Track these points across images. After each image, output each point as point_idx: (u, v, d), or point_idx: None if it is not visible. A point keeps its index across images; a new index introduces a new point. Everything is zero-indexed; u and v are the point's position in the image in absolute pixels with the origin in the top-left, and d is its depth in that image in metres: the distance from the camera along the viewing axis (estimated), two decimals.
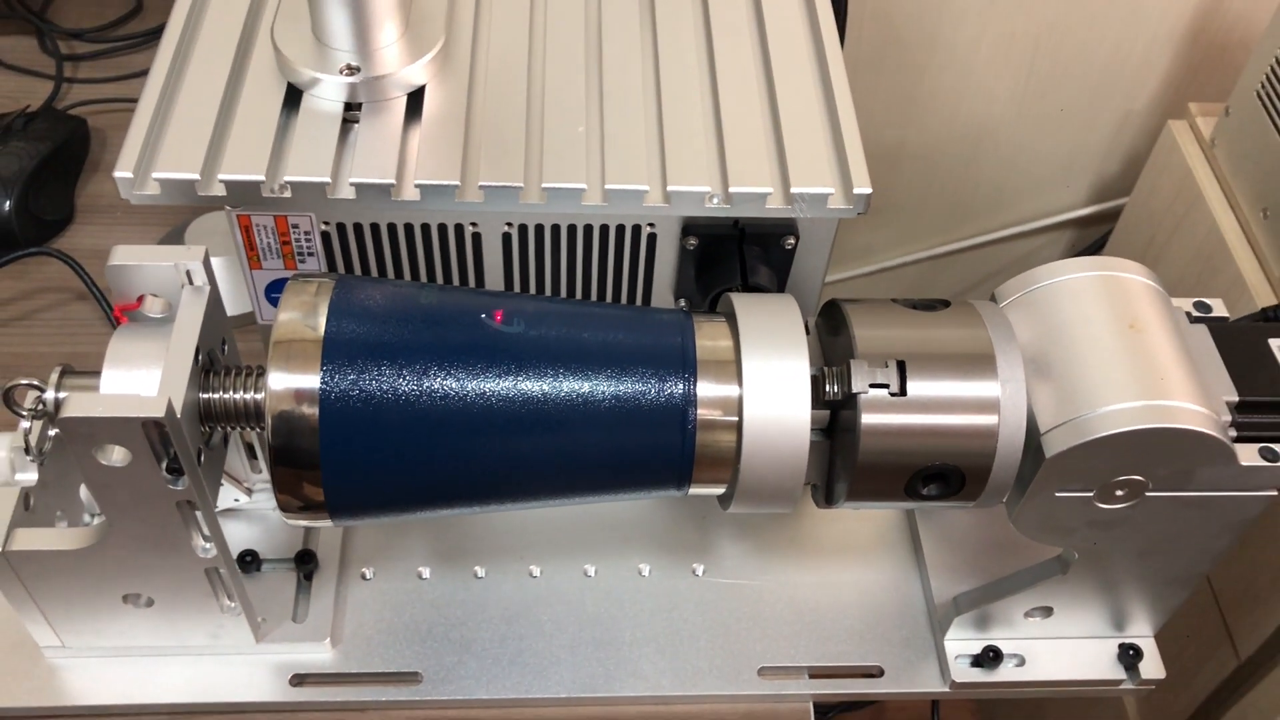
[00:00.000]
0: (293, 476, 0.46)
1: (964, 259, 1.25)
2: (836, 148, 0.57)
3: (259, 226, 0.57)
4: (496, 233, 0.57)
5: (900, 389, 0.48)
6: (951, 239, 1.24)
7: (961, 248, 1.23)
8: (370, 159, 0.54)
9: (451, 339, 0.47)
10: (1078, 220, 1.21)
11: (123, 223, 0.77)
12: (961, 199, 1.20)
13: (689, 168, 0.55)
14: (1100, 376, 0.48)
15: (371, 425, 0.46)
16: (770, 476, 0.49)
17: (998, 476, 0.49)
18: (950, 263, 1.26)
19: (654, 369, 0.48)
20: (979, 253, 1.24)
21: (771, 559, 0.63)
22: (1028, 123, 1.13)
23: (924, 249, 1.25)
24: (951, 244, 1.24)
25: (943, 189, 1.19)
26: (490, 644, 0.59)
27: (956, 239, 1.23)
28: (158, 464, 0.46)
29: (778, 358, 0.48)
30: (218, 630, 0.56)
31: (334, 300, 0.47)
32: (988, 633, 0.60)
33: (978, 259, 1.25)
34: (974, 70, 1.08)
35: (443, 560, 0.62)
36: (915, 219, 1.22)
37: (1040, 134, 1.14)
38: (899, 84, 1.09)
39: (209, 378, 0.49)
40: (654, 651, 0.59)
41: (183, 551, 0.50)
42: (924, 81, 1.09)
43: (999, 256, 1.25)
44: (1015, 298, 0.53)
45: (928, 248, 1.24)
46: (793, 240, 0.58)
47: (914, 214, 1.21)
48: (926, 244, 1.24)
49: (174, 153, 0.54)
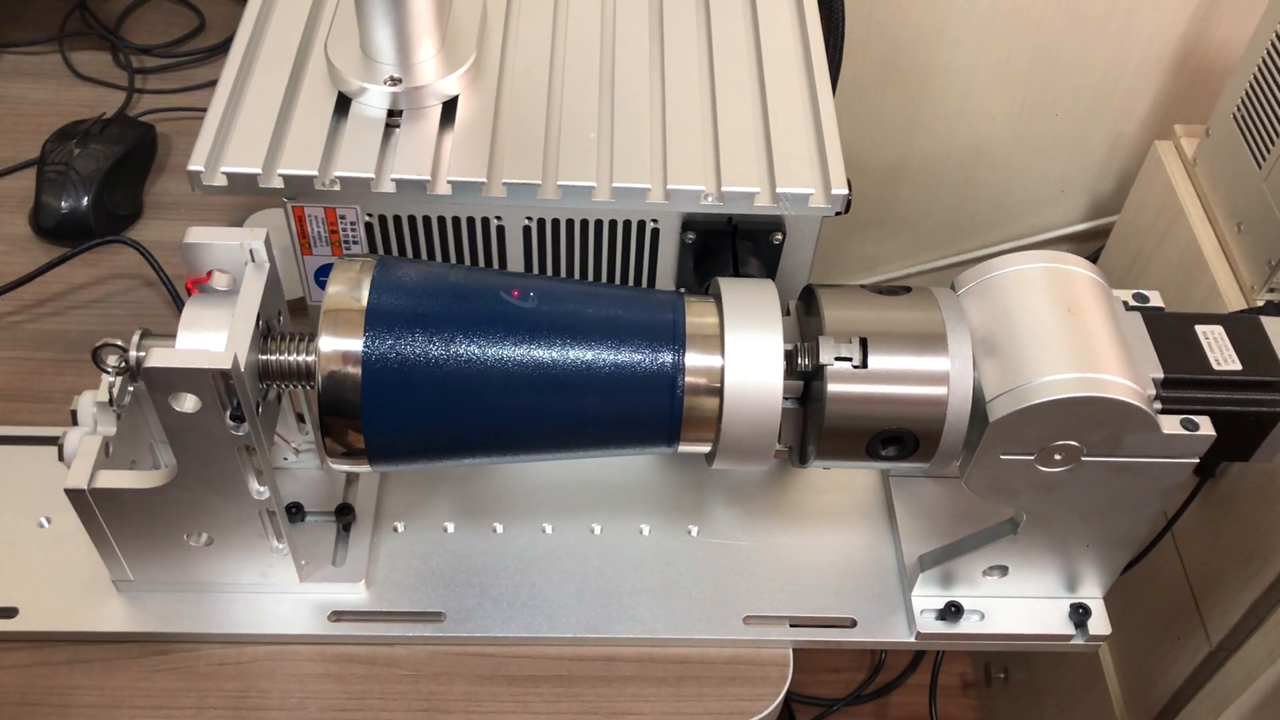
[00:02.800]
0: (338, 426, 0.54)
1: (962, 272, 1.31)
2: (820, 153, 0.64)
3: (311, 217, 0.65)
4: (518, 226, 0.65)
5: (862, 362, 0.55)
6: (952, 252, 1.30)
7: (961, 260, 1.30)
8: (409, 158, 0.62)
9: (475, 311, 0.54)
10: (1072, 236, 1.27)
11: (186, 218, 0.85)
12: (961, 214, 1.26)
13: (687, 169, 0.63)
14: (1039, 352, 0.55)
15: (405, 384, 0.53)
16: (747, 436, 0.56)
17: (948, 440, 0.56)
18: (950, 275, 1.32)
19: (648, 341, 0.56)
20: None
21: (759, 522, 0.70)
22: (1024, 143, 1.19)
23: (926, 261, 1.31)
24: (952, 257, 1.30)
25: (943, 205, 1.26)
26: (506, 590, 0.66)
27: (957, 252, 1.30)
28: (223, 411, 0.53)
29: (756, 333, 0.56)
30: (267, 569, 0.64)
31: (376, 276, 0.55)
32: (951, 590, 0.67)
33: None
34: (972, 93, 1.15)
35: (465, 516, 0.69)
36: (917, 232, 1.28)
37: (1036, 154, 1.20)
38: (901, 105, 1.16)
39: (267, 341, 0.57)
40: (650, 600, 0.66)
41: (240, 493, 0.58)
42: (925, 103, 1.16)
43: None
44: (971, 285, 0.60)
45: (930, 260, 1.31)
46: (780, 236, 0.66)
47: (916, 228, 1.28)
48: (928, 256, 1.31)
49: (240, 150, 0.62)
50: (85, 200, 0.82)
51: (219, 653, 0.64)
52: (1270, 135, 0.88)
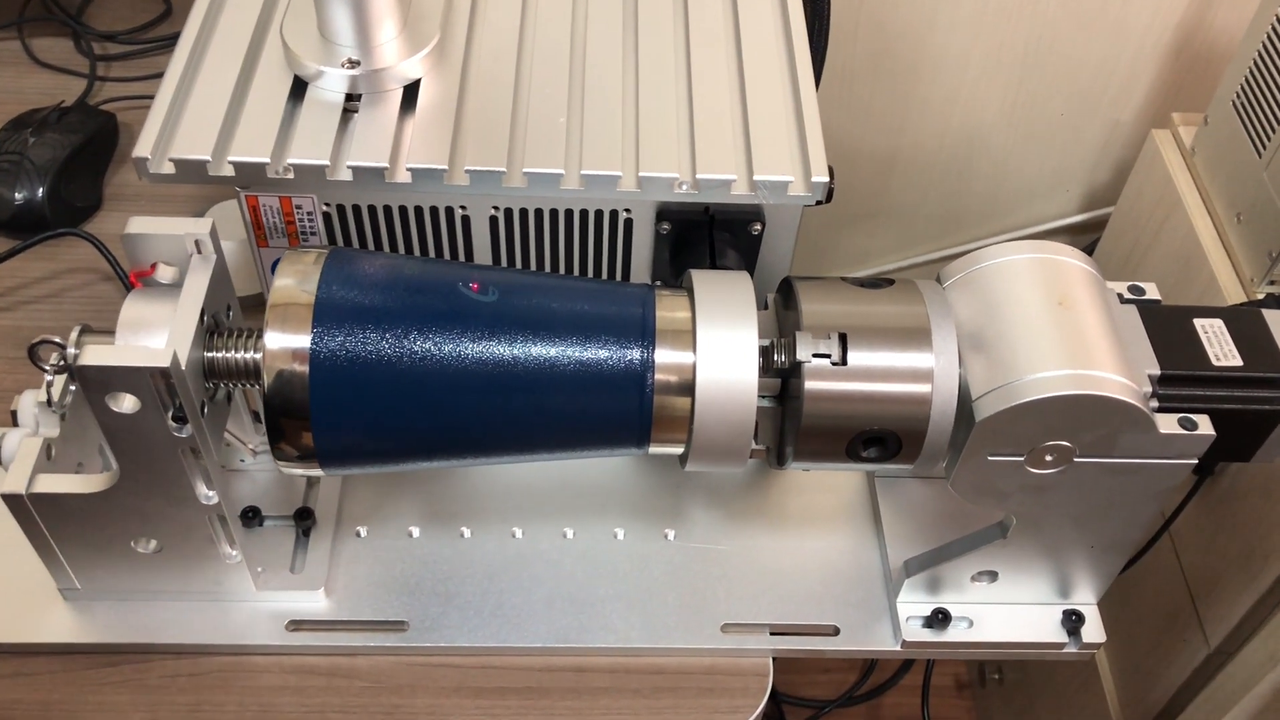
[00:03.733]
0: (286, 427, 0.51)
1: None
2: (800, 140, 0.61)
3: (266, 207, 0.62)
4: (484, 216, 0.62)
5: (841, 359, 0.52)
6: (945, 245, 1.27)
7: (955, 253, 1.27)
8: (367, 145, 0.59)
9: (431, 306, 0.51)
10: (1068, 228, 1.24)
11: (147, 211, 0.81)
12: (955, 206, 1.24)
13: (660, 156, 0.60)
14: (1029, 347, 0.52)
15: (356, 382, 0.51)
16: (721, 437, 0.53)
17: (932, 440, 0.53)
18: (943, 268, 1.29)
19: (617, 337, 0.53)
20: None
21: (739, 526, 0.67)
22: (1018, 132, 1.17)
23: (919, 254, 1.28)
24: (945, 249, 1.27)
25: (937, 196, 1.23)
26: (473, 597, 0.63)
27: (950, 245, 1.27)
28: (164, 412, 0.50)
29: (730, 328, 0.53)
30: (220, 577, 0.61)
31: (326, 269, 0.52)
32: (938, 596, 0.64)
33: None
34: (965, 80, 1.12)
35: (432, 520, 0.66)
36: (910, 225, 1.26)
37: (1031, 143, 1.18)
38: (893, 93, 1.13)
39: (213, 338, 0.53)
40: (625, 607, 0.63)
41: (187, 498, 0.55)
42: (917, 91, 1.13)
43: None
44: (958, 277, 0.57)
45: (922, 253, 1.28)
46: (759, 226, 0.63)
47: (909, 220, 1.25)
48: (920, 250, 1.28)
49: (189, 136, 0.59)
50: (40, 191, 0.79)
51: (171, 664, 0.61)
52: (1270, 123, 0.85)
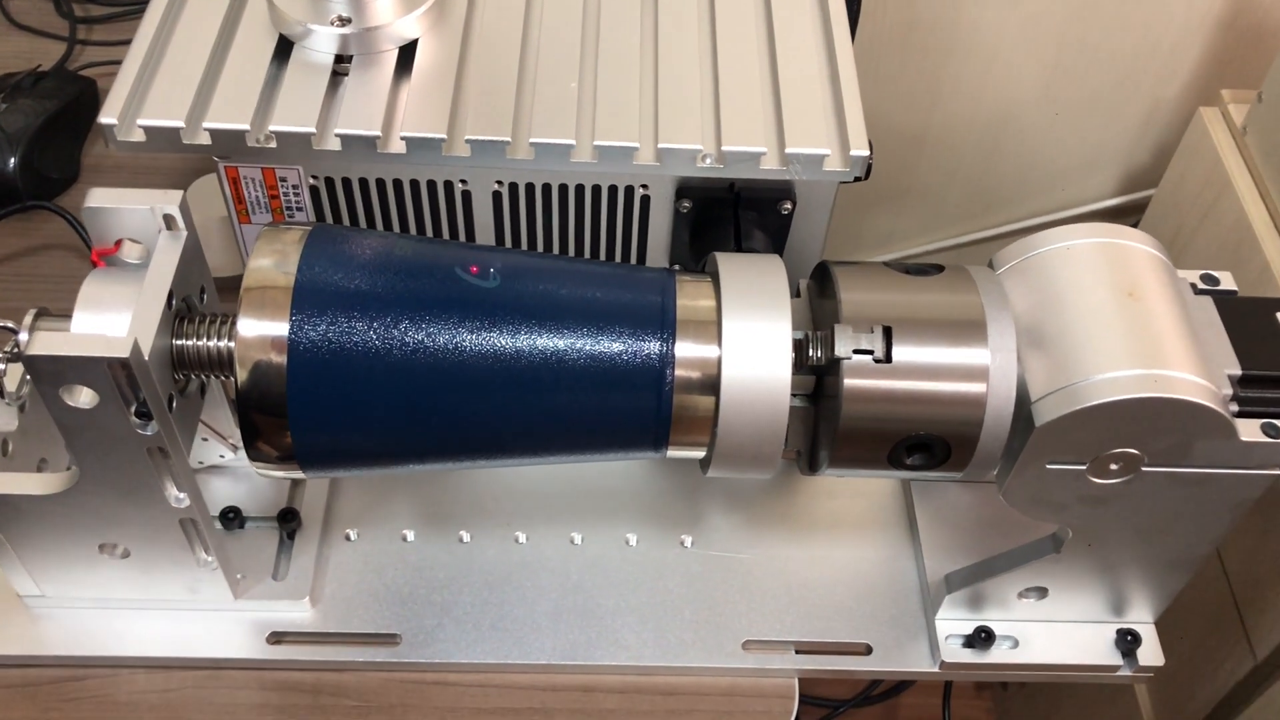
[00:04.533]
0: (262, 425, 0.46)
1: (987, 249, 1.23)
2: (836, 110, 0.56)
3: (247, 179, 0.56)
4: (486, 191, 0.57)
5: (885, 355, 0.47)
6: (974, 228, 1.21)
7: (984, 237, 1.21)
8: (357, 111, 0.54)
9: (424, 291, 0.46)
10: (1104, 211, 1.18)
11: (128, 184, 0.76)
12: (985, 187, 1.18)
13: (682, 126, 0.54)
14: (1095, 344, 0.47)
15: (340, 375, 0.45)
16: (749, 440, 0.47)
17: (985, 446, 0.48)
18: (973, 252, 1.23)
19: (632, 328, 0.47)
20: (1003, 242, 1.21)
21: (762, 533, 0.62)
22: (1054, 109, 1.11)
23: (946, 237, 1.22)
24: (974, 233, 1.21)
25: (966, 176, 1.17)
26: (471, 609, 0.58)
27: (979, 228, 1.21)
28: (125, 407, 0.45)
29: (759, 319, 0.47)
30: (195, 584, 0.55)
31: (307, 249, 0.46)
32: (981, 613, 0.58)
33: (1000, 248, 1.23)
34: (999, 54, 1.06)
35: (428, 523, 0.61)
36: (938, 206, 1.20)
37: (1066, 121, 1.12)
38: (922, 67, 1.07)
39: (183, 324, 0.48)
40: (637, 621, 0.58)
41: (155, 501, 0.50)
42: (948, 65, 1.07)
43: None
44: (1013, 264, 0.51)
45: (950, 236, 1.22)
46: (789, 205, 0.57)
47: (936, 201, 1.19)
48: (949, 232, 1.22)
49: (161, 100, 0.53)
50: (12, 161, 0.73)
51: (142, 679, 0.56)
52: None
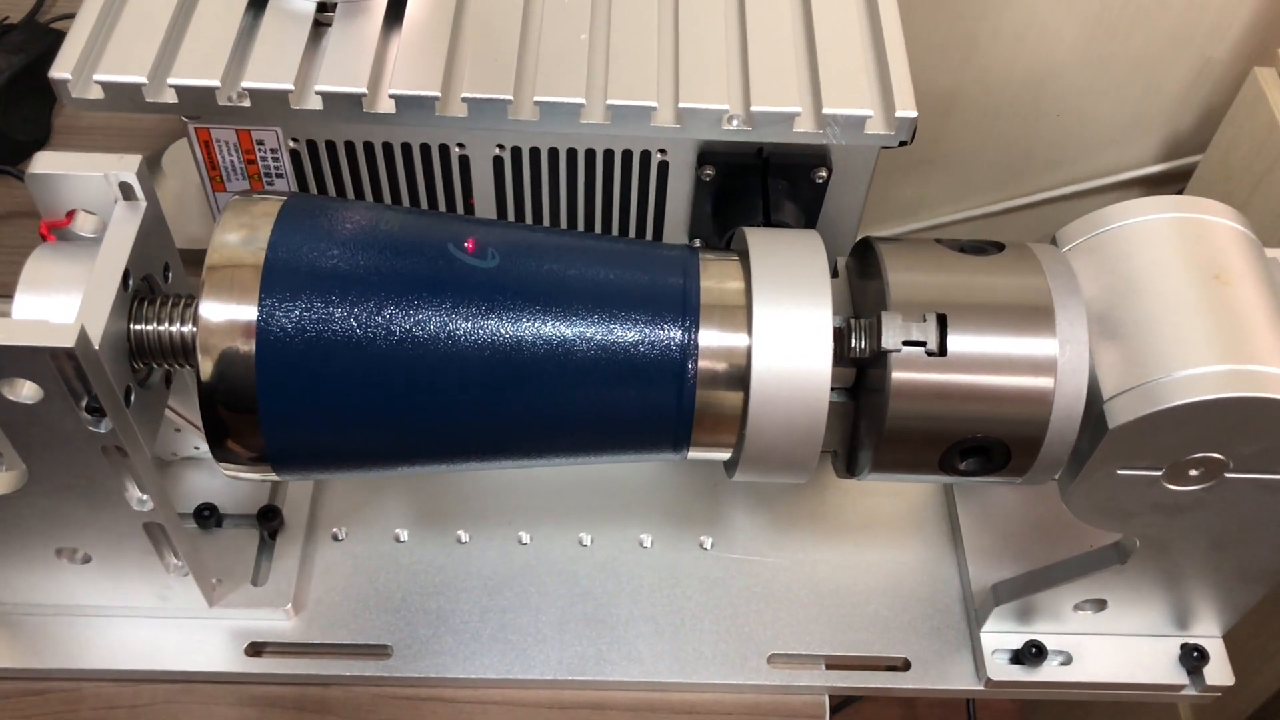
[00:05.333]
0: (229, 422, 0.40)
1: (1020, 218, 1.17)
2: (879, 65, 0.50)
3: (220, 142, 0.51)
4: (486, 156, 0.51)
5: (939, 347, 0.41)
6: (1007, 196, 1.15)
7: (1017, 205, 1.15)
8: (341, 66, 0.48)
9: (412, 271, 0.40)
10: (1146, 178, 1.12)
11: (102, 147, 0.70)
12: (1020, 152, 1.11)
13: (706, 83, 0.48)
14: (1177, 336, 0.41)
15: (317, 366, 0.39)
16: (781, 441, 0.42)
17: (1050, 450, 0.42)
18: (1005, 222, 1.17)
19: (650, 313, 0.41)
20: (1037, 211, 1.16)
21: (788, 534, 0.57)
22: (1095, 69, 1.04)
23: (977, 206, 1.16)
24: (1007, 201, 1.15)
25: (1000, 141, 1.11)
26: (470, 617, 0.53)
27: (1012, 196, 1.15)
28: (74, 402, 0.40)
29: (795, 304, 0.41)
30: (165, 591, 0.50)
31: (280, 222, 0.40)
32: (1031, 625, 0.53)
33: (1035, 218, 1.17)
34: (1037, 9, 1.00)
35: (423, 522, 0.56)
36: (968, 172, 1.13)
37: (1109, 82, 1.05)
38: (955, 24, 1.01)
39: (142, 306, 0.42)
40: (652, 632, 0.53)
41: (115, 503, 0.44)
42: (984, 21, 1.01)
43: (1059, 216, 1.16)
44: (1080, 242, 0.45)
45: (981, 205, 1.16)
46: (825, 172, 0.51)
47: (967, 167, 1.13)
48: (980, 201, 1.16)
49: (121, 53, 0.48)
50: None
51: (108, 693, 0.52)
52: None
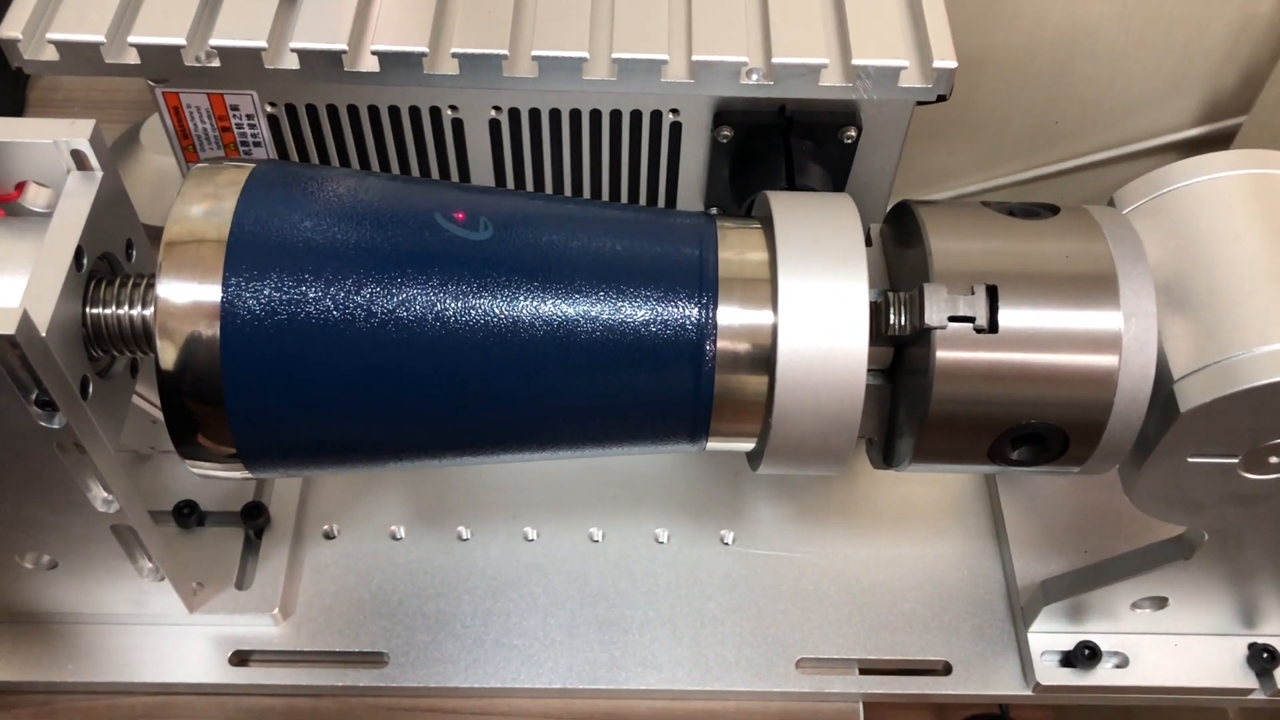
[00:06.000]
0: (194, 413, 0.36)
1: (1052, 185, 1.11)
2: (912, 9, 0.45)
3: (191, 108, 0.46)
4: (481, 119, 0.46)
5: (989, 323, 0.36)
6: (1037, 162, 1.10)
7: (1049, 173, 1.09)
8: (319, 20, 0.44)
9: (396, 245, 0.36)
10: (1185, 142, 1.06)
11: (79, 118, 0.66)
12: (1051, 116, 1.06)
13: (721, 34, 0.44)
14: (1254, 307, 0.37)
15: (290, 351, 0.35)
16: (812, 430, 0.37)
17: (1113, 437, 0.37)
18: (1036, 189, 1.12)
19: (662, 288, 0.37)
20: (1069, 179, 1.11)
21: (817, 527, 0.52)
22: (1132, 27, 0.99)
23: (1005, 174, 1.11)
24: (1037, 168, 1.10)
25: (1030, 104, 1.05)
26: (472, 621, 0.49)
27: (1043, 162, 1.10)
28: (21, 396, 0.35)
29: (826, 276, 0.37)
30: (140, 597, 0.46)
31: (246, 192, 0.36)
32: (1083, 625, 0.49)
33: (1067, 185, 1.12)
34: None
35: (421, 518, 0.52)
36: (997, 138, 1.08)
37: (1144, 41, 1.00)
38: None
39: (99, 288, 0.38)
40: (670, 636, 0.49)
41: (78, 504, 0.41)
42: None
43: (1092, 183, 1.11)
44: (1141, 204, 0.41)
45: (1010, 172, 1.11)
46: (854, 131, 0.47)
47: (996, 133, 1.08)
48: (1008, 168, 1.11)
49: (77, 8, 0.43)
50: None
51: (83, 706, 0.48)
52: None
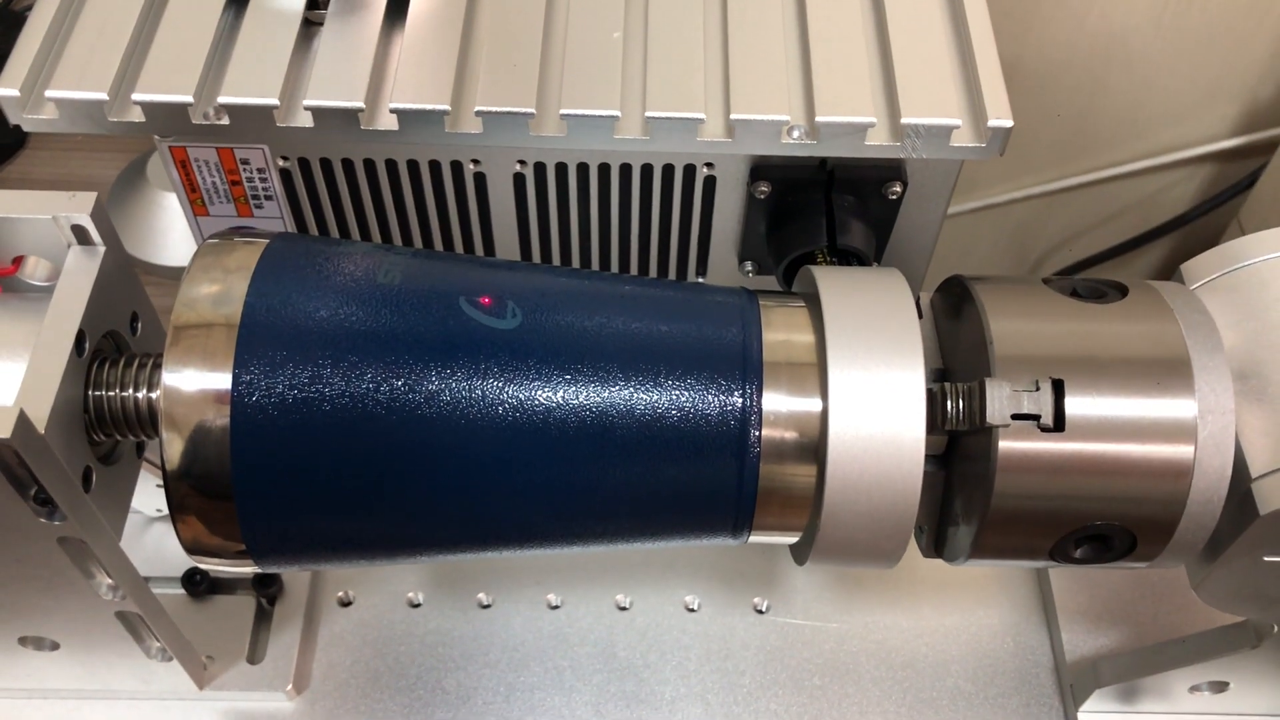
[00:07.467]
0: (198, 508, 0.34)
1: (1082, 196, 1.09)
2: (964, 64, 0.42)
3: (199, 162, 0.44)
4: (505, 174, 0.44)
5: (1055, 421, 0.34)
6: (1069, 172, 1.07)
7: (1080, 183, 1.07)
8: (334, 75, 0.41)
9: (418, 335, 0.33)
10: (1222, 153, 1.04)
11: (82, 148, 0.64)
12: (1084, 125, 1.03)
13: (761, 90, 0.41)
14: None
15: (304, 447, 0.33)
16: (864, 525, 0.35)
17: (1185, 536, 0.35)
18: (1066, 200, 1.09)
19: (703, 374, 0.35)
20: (1100, 189, 1.08)
21: (855, 595, 0.50)
22: (1169, 35, 0.96)
23: (1036, 184, 1.08)
24: (1068, 178, 1.07)
25: (1063, 113, 1.02)
26: (494, 697, 0.47)
27: (1075, 172, 1.06)
28: (20, 494, 0.33)
29: (880, 363, 0.34)
30: (147, 676, 0.44)
31: (259, 274, 0.34)
32: (1136, 705, 0.46)
33: (1098, 196, 1.09)
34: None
35: (440, 583, 0.50)
36: (1028, 148, 1.05)
37: (1181, 51, 0.97)
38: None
39: (103, 369, 0.36)
40: (702, 714, 0.47)
41: (81, 594, 0.38)
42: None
43: (1124, 194, 1.08)
44: (1212, 279, 0.38)
45: (1040, 182, 1.08)
46: (899, 187, 0.44)
47: (1027, 142, 1.05)
48: (1039, 178, 1.08)
49: (78, 64, 0.41)
50: None
51: None
52: None
